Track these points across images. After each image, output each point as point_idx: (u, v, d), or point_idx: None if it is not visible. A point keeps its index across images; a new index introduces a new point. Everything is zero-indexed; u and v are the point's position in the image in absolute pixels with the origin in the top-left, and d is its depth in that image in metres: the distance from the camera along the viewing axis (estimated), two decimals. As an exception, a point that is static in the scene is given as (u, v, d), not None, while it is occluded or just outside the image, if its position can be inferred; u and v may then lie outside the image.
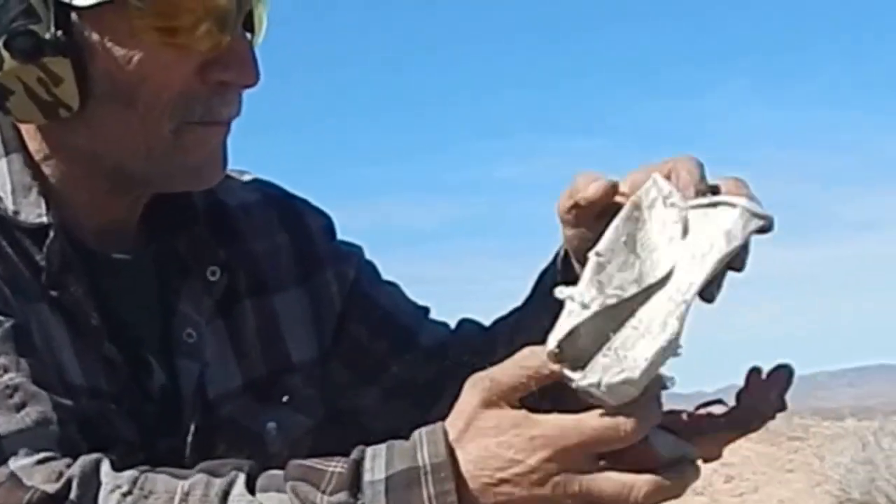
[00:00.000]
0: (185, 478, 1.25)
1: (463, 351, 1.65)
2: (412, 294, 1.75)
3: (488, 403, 1.22)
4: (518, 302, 1.64)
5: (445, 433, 1.23)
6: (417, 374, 1.65)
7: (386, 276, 1.73)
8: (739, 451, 9.88)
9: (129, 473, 1.25)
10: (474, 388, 1.23)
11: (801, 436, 10.59)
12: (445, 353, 1.66)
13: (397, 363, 1.66)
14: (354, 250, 1.70)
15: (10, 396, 1.29)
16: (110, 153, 1.43)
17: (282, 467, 1.26)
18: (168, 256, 1.53)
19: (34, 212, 1.41)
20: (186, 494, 1.23)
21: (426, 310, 1.73)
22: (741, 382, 1.32)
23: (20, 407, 1.29)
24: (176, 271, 1.53)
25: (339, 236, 1.71)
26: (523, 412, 1.22)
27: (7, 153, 1.44)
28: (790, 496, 8.46)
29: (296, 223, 1.66)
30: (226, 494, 1.23)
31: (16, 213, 1.41)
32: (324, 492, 1.22)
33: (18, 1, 1.34)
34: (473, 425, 1.22)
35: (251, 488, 1.23)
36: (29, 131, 1.45)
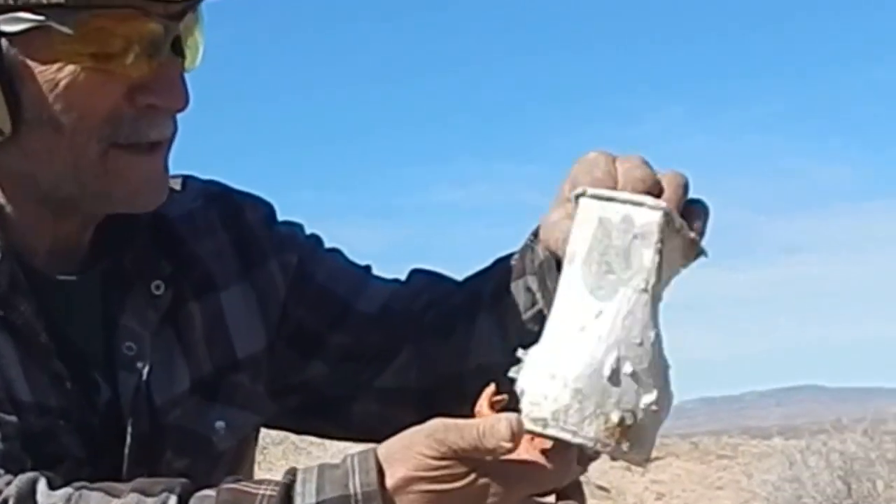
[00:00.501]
0: (118, 495, 1.26)
1: (415, 302, 1.65)
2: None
3: (436, 457, 1.23)
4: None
5: (377, 459, 1.24)
6: (362, 339, 1.64)
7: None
8: (670, 468, 9.91)
9: (63, 492, 1.26)
10: (428, 438, 1.24)
11: (730, 454, 10.64)
12: (390, 313, 1.65)
13: (337, 334, 1.64)
14: (296, 230, 1.69)
15: None
16: (44, 176, 1.42)
17: (215, 484, 1.26)
18: (114, 274, 1.53)
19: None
20: None
21: (367, 270, 1.71)
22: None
23: None
24: (120, 287, 1.52)
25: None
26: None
27: None
28: (719, 513, 8.51)
29: (236, 218, 1.65)
30: None
31: None
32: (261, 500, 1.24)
33: None
34: (413, 465, 1.24)
35: None
36: None
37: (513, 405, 1.27)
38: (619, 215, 1.27)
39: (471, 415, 1.29)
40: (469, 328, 1.58)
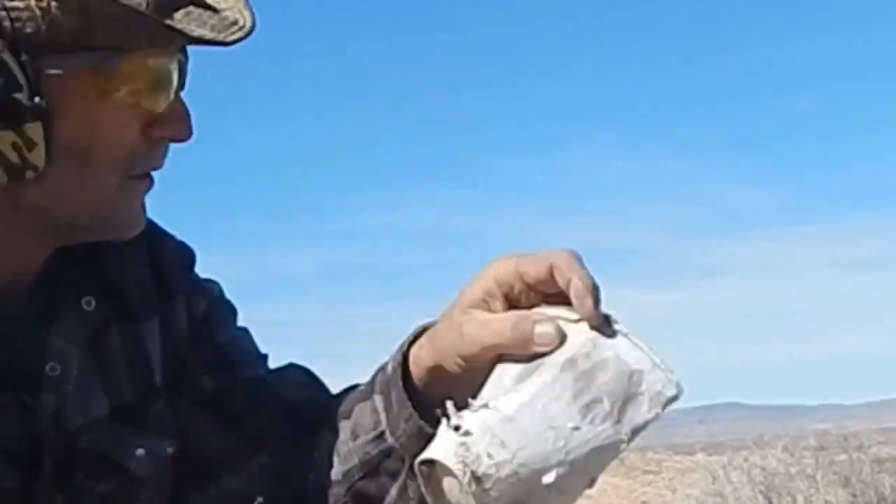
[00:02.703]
0: None
1: (285, 401, 1.63)
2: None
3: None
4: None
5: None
6: (238, 419, 1.62)
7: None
8: (597, 484, 9.93)
9: None
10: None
11: (655, 469, 10.68)
12: (268, 407, 1.63)
13: (225, 399, 1.63)
14: (213, 285, 1.69)
15: None
16: (61, 209, 1.42)
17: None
18: (49, 291, 1.51)
19: None
20: None
21: (264, 358, 1.70)
22: None
23: None
24: (53, 304, 1.50)
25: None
26: None
27: None
28: (644, 527, 8.53)
29: (158, 257, 1.64)
30: None
31: None
32: None
33: None
34: None
35: None
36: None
37: None
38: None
39: None
40: (316, 442, 1.56)
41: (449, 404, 1.32)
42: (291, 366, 1.69)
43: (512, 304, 1.35)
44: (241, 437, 1.61)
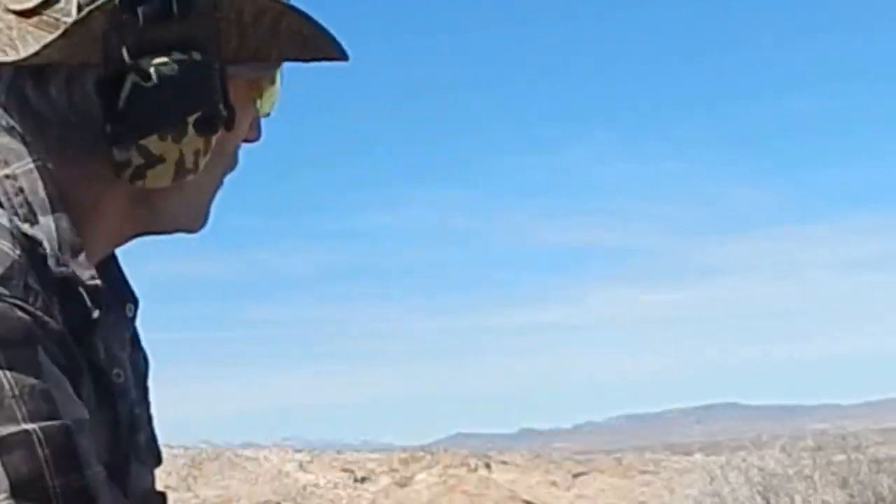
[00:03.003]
0: None
1: None
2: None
3: None
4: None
5: None
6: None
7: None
8: (594, 483, 9.95)
9: None
10: None
11: (653, 469, 10.70)
12: None
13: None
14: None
15: None
16: (178, 206, 1.45)
17: None
18: (107, 293, 1.47)
19: (86, 273, 1.37)
20: None
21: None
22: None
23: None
24: (110, 307, 1.47)
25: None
26: None
27: (53, 211, 1.37)
28: (642, 527, 8.53)
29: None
30: None
31: (73, 272, 1.36)
32: None
33: (208, 71, 1.38)
34: None
35: None
36: (115, 194, 1.42)
37: None
38: None
39: None
40: None
41: None
42: None
43: None
44: None
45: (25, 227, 1.34)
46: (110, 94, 1.35)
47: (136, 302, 1.54)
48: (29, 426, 1.22)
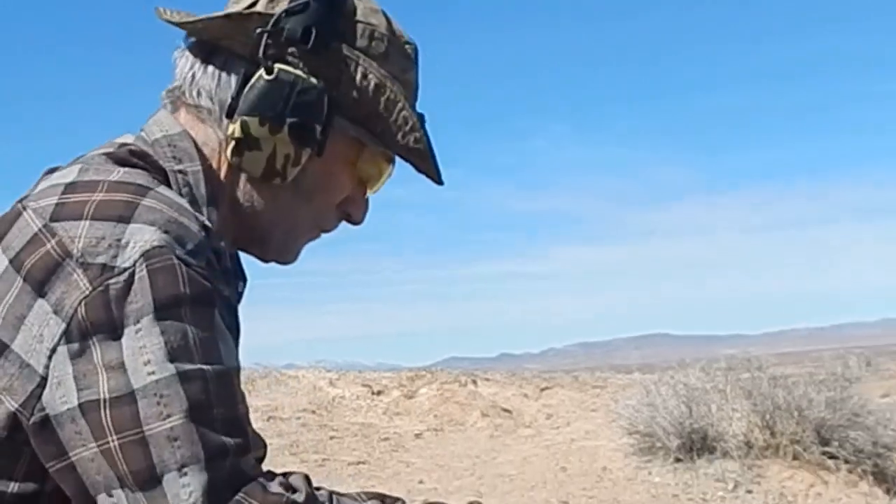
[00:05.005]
0: (361, 500, 1.25)
1: None
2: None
3: None
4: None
5: None
6: None
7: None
8: (556, 396, 9.96)
9: (326, 491, 1.25)
10: None
11: (602, 385, 10.72)
12: None
13: None
14: None
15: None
16: (270, 220, 1.42)
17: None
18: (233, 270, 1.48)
19: (227, 255, 1.37)
20: None
21: None
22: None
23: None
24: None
25: None
26: None
27: (208, 205, 1.38)
28: (593, 428, 8.55)
29: None
30: None
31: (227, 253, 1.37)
32: None
33: (316, 94, 1.35)
34: None
35: None
36: (243, 183, 1.41)
37: None
38: None
39: None
40: None
41: None
42: None
43: None
44: None
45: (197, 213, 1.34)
46: (244, 80, 1.35)
47: (245, 281, 1.51)
48: (204, 366, 1.21)
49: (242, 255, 1.52)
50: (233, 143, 1.36)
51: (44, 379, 1.20)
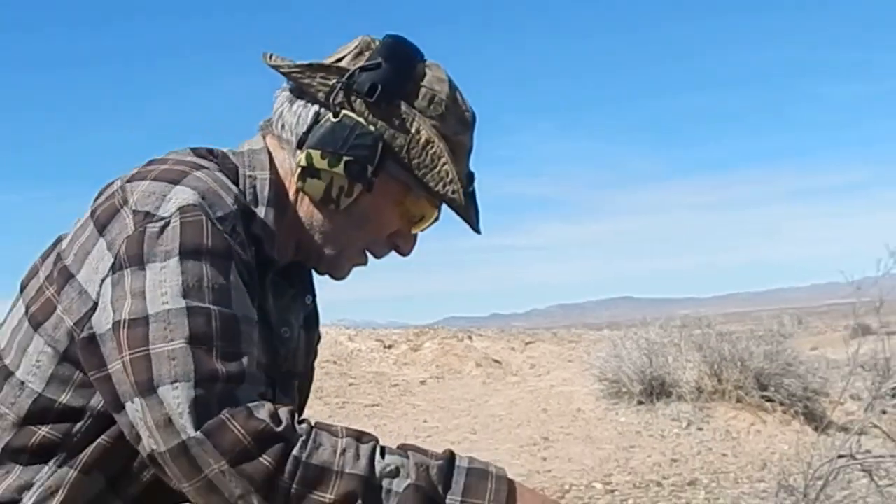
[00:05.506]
0: (338, 436, 1.21)
1: None
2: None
3: None
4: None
5: (509, 479, 1.24)
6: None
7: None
8: (538, 349, 9.98)
9: (307, 426, 1.21)
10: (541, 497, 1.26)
11: (577, 340, 10.75)
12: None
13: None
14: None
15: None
16: (324, 239, 1.42)
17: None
18: (294, 286, 1.50)
19: (268, 246, 1.38)
20: (344, 450, 1.20)
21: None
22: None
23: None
24: (295, 295, 1.50)
25: None
26: None
27: (267, 205, 1.39)
28: (569, 376, 8.56)
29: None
30: (373, 452, 1.21)
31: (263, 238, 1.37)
32: (432, 457, 1.23)
33: (372, 139, 1.36)
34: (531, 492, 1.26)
35: (383, 453, 1.21)
36: (306, 204, 1.42)
37: None
38: None
39: None
40: None
41: None
42: None
43: None
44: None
45: (246, 203, 1.36)
46: (315, 119, 1.38)
47: (314, 295, 1.54)
48: (212, 307, 1.23)
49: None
50: (299, 169, 1.38)
51: (95, 304, 1.26)
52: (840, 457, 3.51)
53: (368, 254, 1.45)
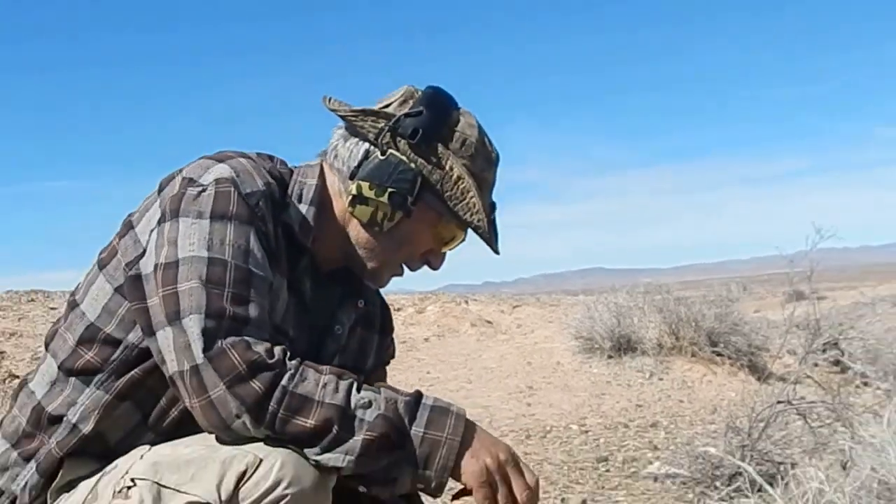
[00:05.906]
0: (321, 372, 1.25)
1: None
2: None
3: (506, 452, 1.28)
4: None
5: (467, 419, 1.27)
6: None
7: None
8: (524, 311, 10.02)
9: (296, 362, 1.26)
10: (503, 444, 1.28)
11: (556, 304, 10.77)
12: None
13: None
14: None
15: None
16: (368, 253, 1.43)
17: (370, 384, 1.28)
18: (343, 287, 1.51)
19: (300, 237, 1.41)
20: (325, 384, 1.24)
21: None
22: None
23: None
24: (343, 296, 1.51)
25: None
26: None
27: (310, 204, 1.42)
28: (550, 335, 8.61)
29: (386, 304, 1.65)
30: (351, 387, 1.25)
31: (291, 223, 1.39)
32: (402, 395, 1.27)
33: (412, 175, 1.38)
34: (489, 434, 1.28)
35: (359, 388, 1.26)
36: (355, 225, 1.43)
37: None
38: None
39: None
40: None
41: None
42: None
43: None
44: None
45: (281, 194, 1.39)
46: (365, 156, 1.40)
47: (366, 301, 1.54)
48: (229, 260, 1.29)
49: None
50: (350, 196, 1.40)
51: (144, 250, 1.33)
52: (779, 402, 3.61)
53: (404, 267, 1.48)
